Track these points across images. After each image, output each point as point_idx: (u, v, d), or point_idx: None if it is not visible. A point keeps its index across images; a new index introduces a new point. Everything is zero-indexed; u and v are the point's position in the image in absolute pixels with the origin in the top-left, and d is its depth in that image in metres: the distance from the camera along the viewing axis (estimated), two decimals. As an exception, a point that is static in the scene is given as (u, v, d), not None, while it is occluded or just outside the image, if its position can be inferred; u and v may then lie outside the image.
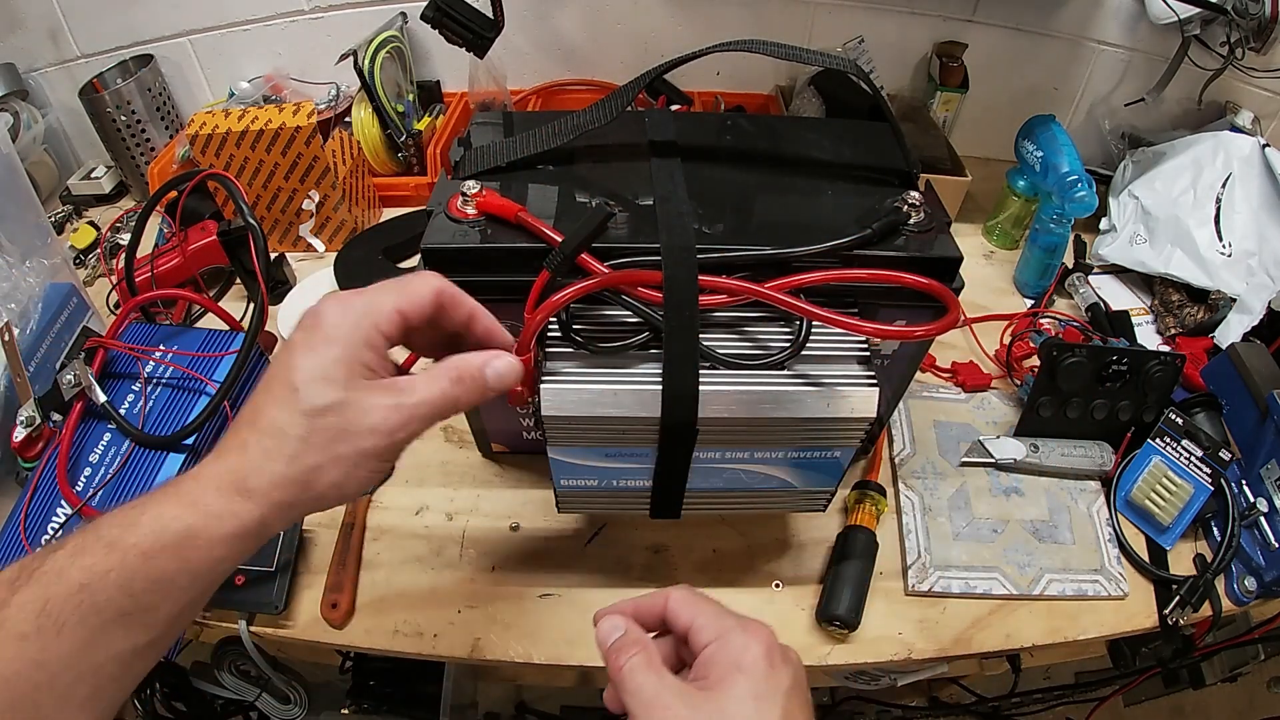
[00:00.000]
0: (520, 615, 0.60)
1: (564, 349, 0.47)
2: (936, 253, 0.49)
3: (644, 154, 0.56)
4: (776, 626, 0.59)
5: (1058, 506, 0.67)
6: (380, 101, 0.96)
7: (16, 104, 1.01)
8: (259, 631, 0.60)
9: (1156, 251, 0.87)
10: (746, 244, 0.48)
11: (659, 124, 0.59)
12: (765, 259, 0.47)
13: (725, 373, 0.46)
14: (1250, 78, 0.94)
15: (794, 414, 0.46)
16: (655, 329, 0.46)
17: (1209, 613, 0.62)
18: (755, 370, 0.46)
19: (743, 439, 0.48)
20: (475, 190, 0.49)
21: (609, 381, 0.46)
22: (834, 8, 1.04)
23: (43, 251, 0.75)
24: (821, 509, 0.57)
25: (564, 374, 0.46)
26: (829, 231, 0.48)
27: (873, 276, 0.47)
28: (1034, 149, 0.87)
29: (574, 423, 0.46)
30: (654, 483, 0.52)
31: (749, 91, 1.14)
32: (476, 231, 0.48)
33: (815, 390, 0.46)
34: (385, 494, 0.69)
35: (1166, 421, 0.67)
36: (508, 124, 0.61)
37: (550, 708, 1.09)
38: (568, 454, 0.49)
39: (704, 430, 0.46)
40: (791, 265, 0.48)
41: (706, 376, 0.45)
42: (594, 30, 1.07)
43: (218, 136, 0.84)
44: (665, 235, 0.46)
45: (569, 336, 0.47)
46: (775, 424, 0.47)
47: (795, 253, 0.47)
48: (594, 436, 0.48)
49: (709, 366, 0.46)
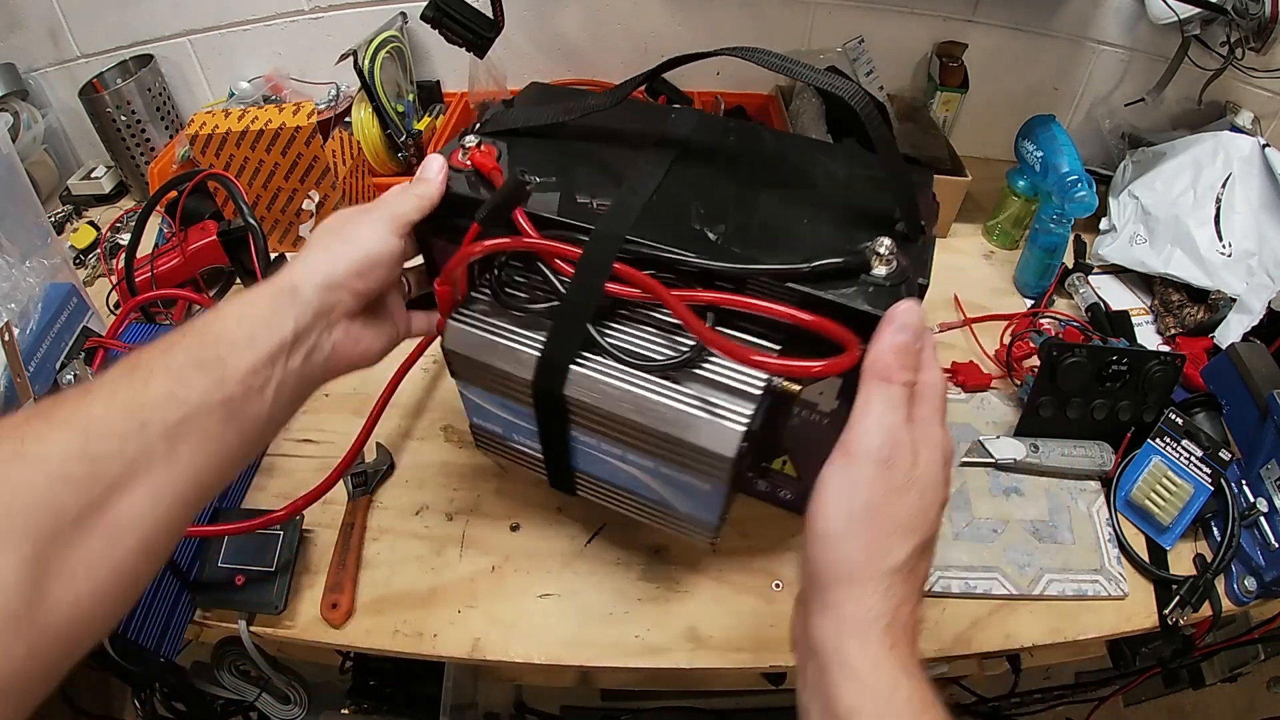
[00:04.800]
0: (520, 615, 0.60)
1: (486, 296, 0.51)
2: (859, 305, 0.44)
3: (649, 144, 0.57)
4: (776, 626, 0.60)
5: (1058, 506, 0.67)
6: (380, 101, 0.96)
7: (16, 104, 1.01)
8: (259, 631, 0.60)
9: (1156, 251, 0.87)
10: (685, 249, 0.46)
11: (679, 122, 0.60)
12: (689, 265, 0.46)
13: (607, 363, 0.47)
14: (1250, 78, 0.94)
15: (649, 424, 0.46)
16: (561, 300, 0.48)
17: (1209, 613, 0.62)
18: (638, 371, 0.46)
19: (611, 433, 0.49)
20: (473, 144, 0.53)
21: (501, 334, 0.49)
22: (834, 8, 1.04)
23: (43, 251, 0.75)
24: (707, 543, 0.56)
25: (472, 316, 0.50)
26: (779, 257, 0.46)
27: (761, 309, 0.44)
28: (1034, 149, 0.87)
29: (467, 362, 0.50)
30: (543, 447, 0.54)
31: (749, 91, 1.14)
32: (463, 179, 0.51)
33: (679, 409, 0.45)
34: (385, 494, 0.69)
35: (1166, 421, 0.67)
36: (549, 96, 0.64)
37: (550, 708, 1.09)
38: (471, 391, 0.54)
39: (574, 411, 0.48)
40: (715, 280, 0.46)
41: (589, 360, 0.47)
42: (594, 30, 1.07)
43: (218, 136, 0.84)
44: (603, 220, 0.48)
45: (492, 287, 0.50)
46: (632, 427, 0.47)
47: (716, 267, 0.45)
48: (484, 381, 0.52)
49: (597, 352, 0.47)
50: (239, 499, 0.67)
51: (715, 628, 0.60)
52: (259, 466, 0.71)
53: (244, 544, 0.61)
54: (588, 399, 0.47)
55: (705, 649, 0.59)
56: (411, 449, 0.73)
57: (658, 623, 0.60)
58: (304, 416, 0.76)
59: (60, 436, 0.30)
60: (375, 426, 0.70)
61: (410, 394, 0.77)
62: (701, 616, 0.60)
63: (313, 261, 0.42)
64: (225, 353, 0.36)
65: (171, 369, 0.34)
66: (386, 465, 0.70)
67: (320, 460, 0.71)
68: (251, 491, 0.69)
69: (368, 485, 0.68)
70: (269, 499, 0.68)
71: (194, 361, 0.35)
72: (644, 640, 0.59)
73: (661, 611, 0.61)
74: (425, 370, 0.79)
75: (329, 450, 0.72)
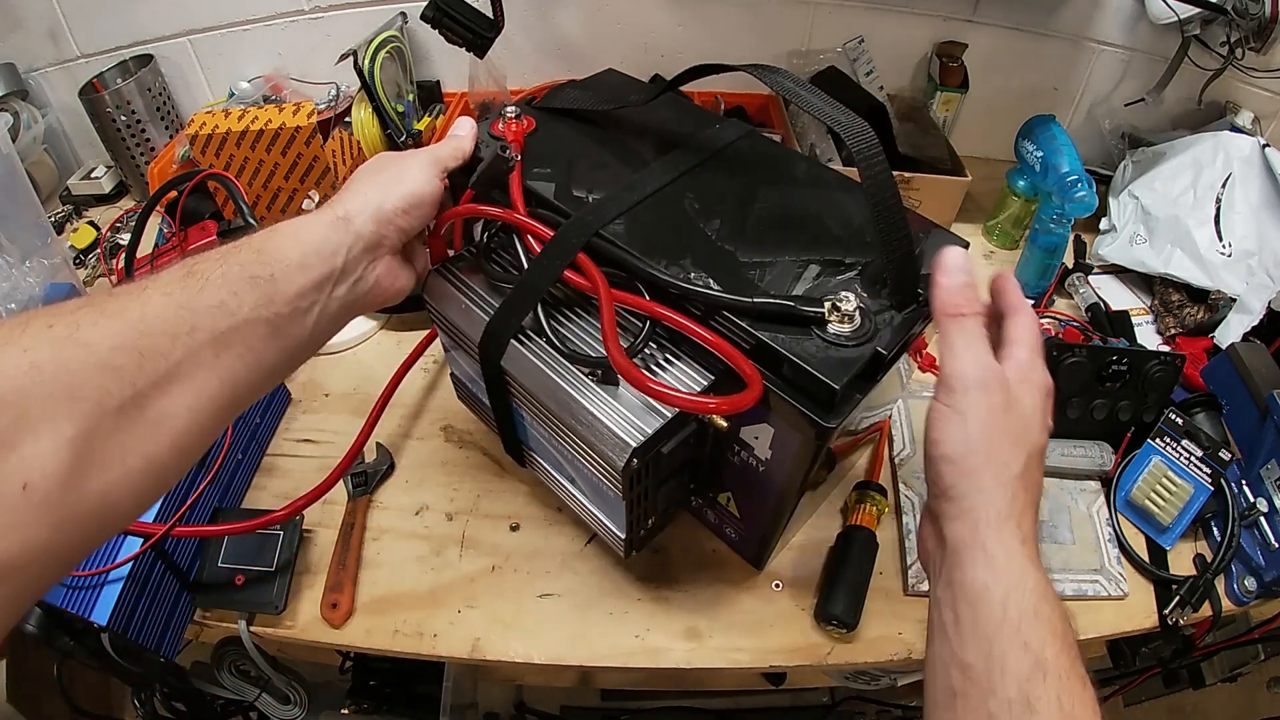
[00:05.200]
0: (520, 615, 0.60)
1: (472, 257, 0.55)
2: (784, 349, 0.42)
3: (675, 148, 0.57)
4: (776, 626, 0.60)
5: (1058, 506, 0.67)
6: (380, 101, 0.96)
7: (16, 104, 1.01)
8: (259, 631, 0.60)
9: (1156, 251, 0.87)
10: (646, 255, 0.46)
11: (718, 134, 0.58)
12: (636, 272, 0.46)
13: (545, 347, 0.49)
14: (1250, 78, 0.94)
15: (560, 414, 0.47)
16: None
17: (1209, 613, 0.62)
18: (570, 364, 0.47)
19: (538, 416, 0.51)
20: (512, 115, 0.57)
21: (469, 294, 0.52)
22: (834, 8, 1.04)
23: (43, 251, 0.75)
24: (621, 553, 0.56)
25: (452, 271, 0.54)
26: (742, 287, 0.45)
27: (675, 323, 0.44)
28: (1034, 149, 0.87)
29: (438, 312, 0.54)
30: (493, 412, 0.56)
31: (750, 92, 1.14)
32: (497, 145, 0.54)
33: (588, 410, 0.45)
34: (385, 494, 0.69)
35: (1166, 421, 0.67)
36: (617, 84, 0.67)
37: (550, 708, 1.09)
38: (444, 341, 0.59)
39: (510, 385, 0.51)
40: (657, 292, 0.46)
41: (530, 340, 0.49)
42: (594, 30, 1.07)
43: (218, 136, 0.84)
44: (584, 210, 0.49)
45: (480, 251, 0.54)
46: (552, 415, 0.48)
47: (660, 279, 0.45)
48: (450, 334, 0.55)
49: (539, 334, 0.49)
50: (239, 499, 0.67)
51: (715, 628, 0.60)
52: (259, 467, 0.71)
53: (244, 544, 0.61)
54: (519, 376, 0.49)
55: (705, 649, 0.59)
56: (411, 449, 0.73)
57: (658, 623, 0.60)
58: (304, 416, 0.76)
59: (113, 327, 0.31)
60: (375, 426, 0.70)
61: (410, 394, 0.77)
62: (701, 616, 0.60)
63: (366, 195, 0.44)
64: (279, 272, 0.38)
65: (227, 280, 0.35)
66: (386, 465, 0.70)
67: (320, 460, 0.71)
68: (251, 491, 0.69)
69: (368, 485, 0.68)
70: (269, 499, 0.68)
71: (248, 277, 0.36)
72: (644, 640, 0.59)
73: (661, 611, 0.61)
74: (425, 370, 0.79)
75: (329, 450, 0.72)
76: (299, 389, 0.78)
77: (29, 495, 0.26)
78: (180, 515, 0.57)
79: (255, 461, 0.70)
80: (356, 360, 0.82)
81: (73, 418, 0.28)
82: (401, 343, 0.83)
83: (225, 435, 0.64)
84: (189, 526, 0.58)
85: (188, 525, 0.58)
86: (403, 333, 0.85)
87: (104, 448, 0.29)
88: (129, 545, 0.54)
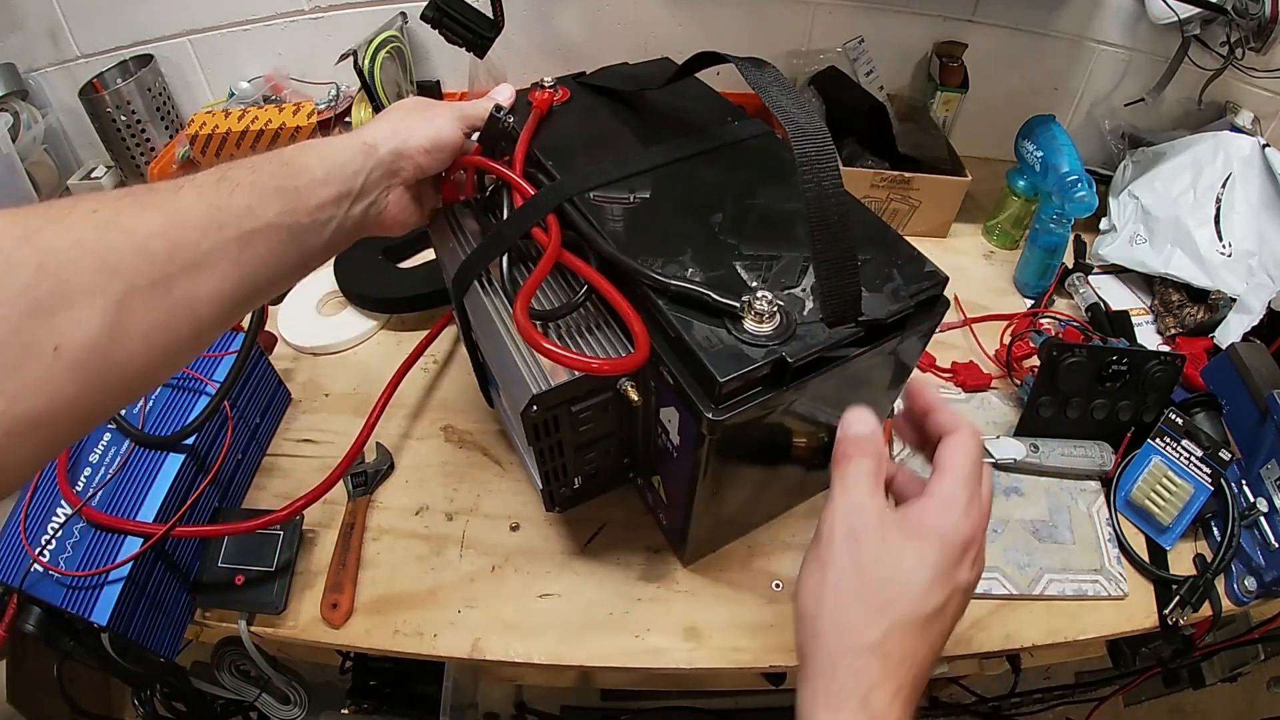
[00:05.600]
0: (520, 615, 0.60)
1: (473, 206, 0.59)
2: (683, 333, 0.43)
3: (685, 131, 0.59)
4: (776, 626, 0.60)
5: (1058, 506, 0.67)
6: (380, 101, 0.96)
7: (16, 104, 1.01)
8: (259, 631, 0.60)
9: (1156, 251, 0.87)
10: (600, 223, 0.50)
11: (733, 129, 0.60)
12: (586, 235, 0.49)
13: (499, 292, 0.52)
14: (1250, 78, 0.94)
15: (492, 353, 0.51)
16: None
17: (1209, 613, 0.62)
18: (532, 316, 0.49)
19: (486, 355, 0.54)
20: (549, 86, 0.62)
21: (459, 234, 0.56)
22: (834, 8, 1.04)
23: (43, 251, 0.75)
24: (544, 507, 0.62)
25: (452, 215, 0.58)
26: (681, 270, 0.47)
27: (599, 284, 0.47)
28: (1034, 149, 0.87)
29: (438, 246, 0.58)
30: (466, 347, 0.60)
31: (750, 92, 1.13)
32: (528, 109, 0.59)
33: (511, 353, 0.49)
34: (385, 494, 0.69)
35: (1166, 421, 0.67)
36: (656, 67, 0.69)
37: (550, 708, 1.09)
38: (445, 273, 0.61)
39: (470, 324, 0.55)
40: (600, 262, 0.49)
41: (489, 286, 0.53)
42: (594, 30, 1.07)
43: (218, 136, 0.84)
44: (567, 176, 0.53)
45: (481, 199, 0.58)
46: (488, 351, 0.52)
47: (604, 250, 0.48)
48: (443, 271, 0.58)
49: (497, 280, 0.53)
50: (239, 499, 0.67)
51: (715, 628, 0.60)
52: (259, 467, 0.71)
53: (244, 544, 0.61)
54: (472, 314, 0.53)
55: (705, 649, 0.59)
56: (411, 449, 0.73)
57: (658, 623, 0.60)
58: (304, 416, 0.76)
59: (151, 216, 0.34)
60: (375, 426, 0.70)
61: (410, 394, 0.77)
62: (701, 616, 0.60)
63: (394, 128, 0.48)
64: (303, 184, 0.42)
65: (256, 186, 0.39)
66: (386, 465, 0.70)
67: (320, 460, 0.71)
68: (251, 491, 0.69)
69: (368, 485, 0.68)
70: (269, 499, 0.68)
71: (275, 186, 0.40)
72: (644, 640, 0.59)
73: (661, 611, 0.61)
74: (425, 370, 0.80)
75: (329, 450, 0.72)
76: (299, 389, 0.78)
77: (60, 356, 0.29)
78: (180, 515, 0.57)
79: (255, 461, 0.71)
80: (356, 360, 0.82)
81: (107, 291, 0.31)
82: (401, 343, 0.83)
83: (225, 435, 0.64)
84: (189, 526, 0.58)
85: (188, 525, 0.58)
86: (403, 333, 0.85)
87: (131, 320, 0.32)
88: (129, 545, 0.54)
